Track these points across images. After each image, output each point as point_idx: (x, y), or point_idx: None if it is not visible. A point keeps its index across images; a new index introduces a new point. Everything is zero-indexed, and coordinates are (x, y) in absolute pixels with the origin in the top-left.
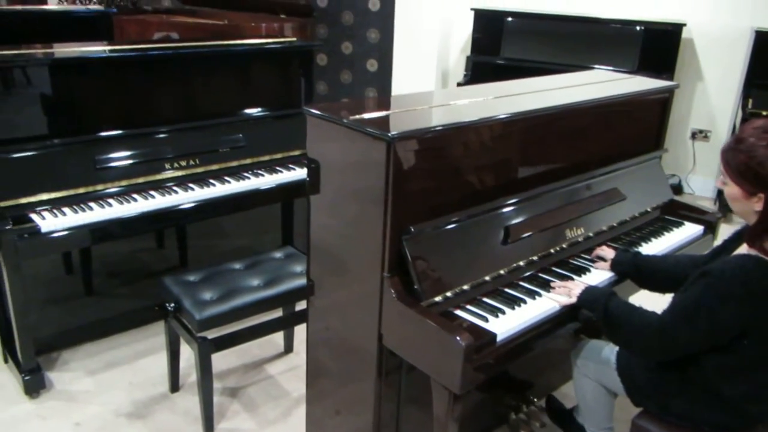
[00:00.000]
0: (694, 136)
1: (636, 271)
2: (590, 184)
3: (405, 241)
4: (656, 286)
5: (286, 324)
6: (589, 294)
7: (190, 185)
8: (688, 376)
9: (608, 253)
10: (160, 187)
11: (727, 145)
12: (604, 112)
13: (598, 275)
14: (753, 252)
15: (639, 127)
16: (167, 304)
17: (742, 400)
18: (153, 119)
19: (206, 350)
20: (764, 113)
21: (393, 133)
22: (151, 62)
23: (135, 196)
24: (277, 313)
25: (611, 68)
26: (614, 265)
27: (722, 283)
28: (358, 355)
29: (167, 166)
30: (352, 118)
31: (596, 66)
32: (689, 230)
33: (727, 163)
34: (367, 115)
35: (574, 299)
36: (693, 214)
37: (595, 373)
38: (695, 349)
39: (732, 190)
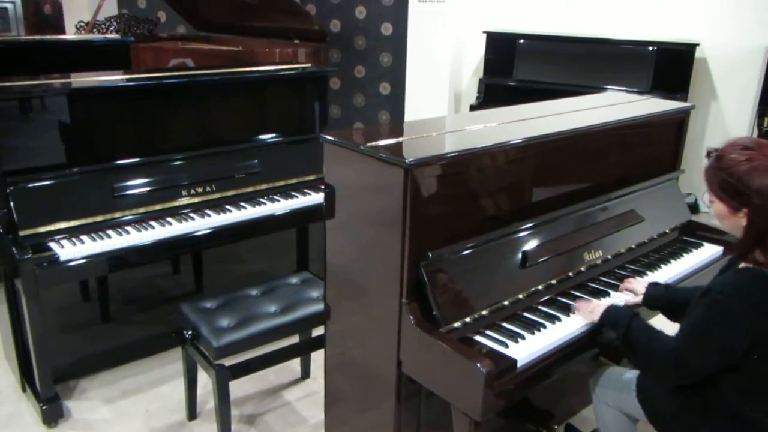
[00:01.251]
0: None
1: (669, 304)
2: (607, 206)
3: (423, 266)
4: None
5: (303, 350)
6: (612, 313)
7: (207, 211)
8: (709, 401)
9: (638, 287)
10: (177, 213)
11: (708, 164)
12: (619, 135)
13: (618, 298)
14: (749, 265)
15: (655, 148)
16: (184, 332)
17: (766, 421)
18: (169, 146)
19: (224, 378)
20: None
21: (410, 159)
22: (167, 90)
23: (152, 223)
24: (294, 339)
25: (624, 89)
26: (647, 300)
27: (723, 299)
28: (377, 381)
29: (184, 192)
30: (368, 145)
31: (609, 86)
32: (708, 251)
33: (710, 182)
34: (382, 142)
35: (597, 317)
36: (712, 234)
37: (615, 400)
38: (709, 371)
39: (718, 207)
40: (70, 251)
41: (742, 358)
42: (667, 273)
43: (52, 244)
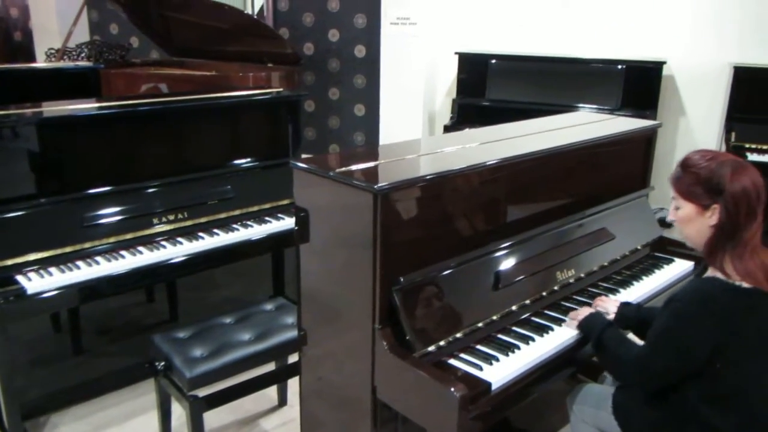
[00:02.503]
0: None
1: (640, 324)
2: (579, 225)
3: (395, 291)
4: None
5: (279, 378)
6: (590, 321)
7: (179, 239)
8: (682, 415)
9: (610, 306)
10: (149, 242)
11: (673, 173)
12: (589, 154)
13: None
14: (712, 274)
15: (625, 166)
16: (157, 363)
17: (733, 430)
18: (141, 174)
19: (198, 409)
20: (747, 146)
21: (379, 185)
22: (138, 118)
23: (123, 252)
24: (270, 367)
25: (595, 106)
26: (619, 319)
27: (684, 306)
28: (353, 407)
29: (155, 220)
30: (339, 170)
31: (580, 105)
32: (680, 266)
33: (678, 186)
34: (354, 167)
35: (575, 322)
36: (683, 250)
37: (592, 417)
38: (672, 376)
39: (685, 211)
40: (38, 284)
41: (706, 367)
42: (640, 289)
43: (20, 277)
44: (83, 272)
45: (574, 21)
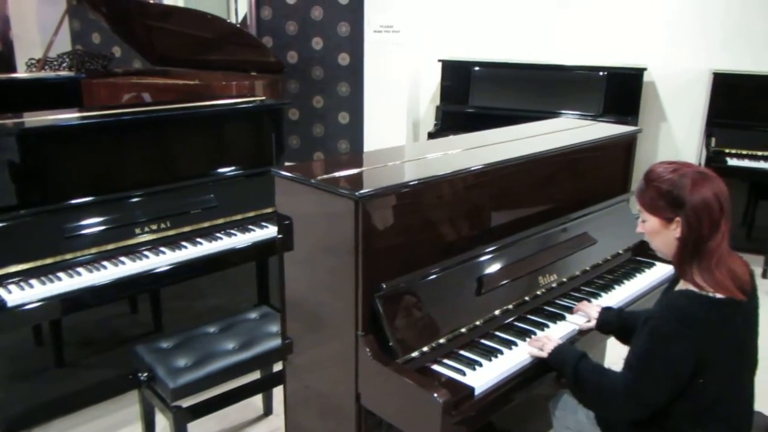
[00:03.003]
0: None
1: (621, 329)
2: (561, 230)
3: (378, 298)
4: None
5: (264, 386)
6: (560, 354)
7: (162, 249)
8: (664, 427)
9: (592, 311)
10: (131, 252)
11: (638, 185)
12: (570, 159)
13: (575, 320)
14: (684, 287)
15: (605, 171)
16: (140, 374)
17: None
18: (123, 184)
19: (182, 419)
20: (727, 150)
21: (361, 191)
22: (120, 127)
23: (105, 263)
24: (255, 376)
25: (578, 113)
26: (601, 325)
27: (661, 324)
28: (337, 415)
29: (138, 230)
30: (321, 177)
31: (563, 111)
32: (661, 270)
33: (642, 199)
34: (336, 174)
35: (545, 355)
36: None
37: (575, 424)
38: (662, 400)
39: (650, 224)
40: (19, 296)
41: (689, 383)
42: (622, 293)
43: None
44: (65, 284)
45: (557, 29)
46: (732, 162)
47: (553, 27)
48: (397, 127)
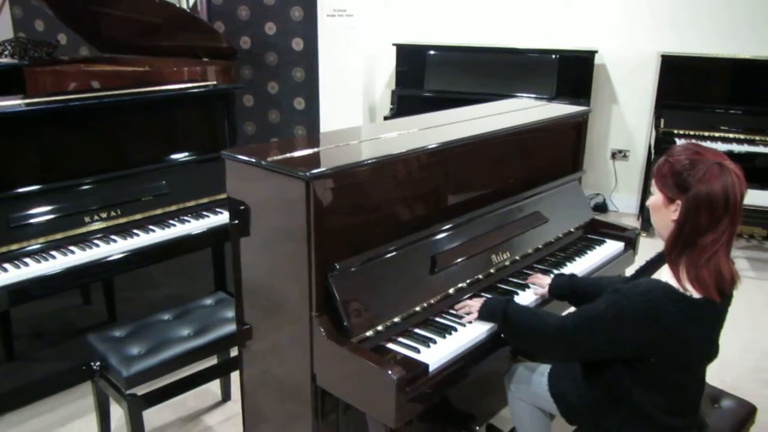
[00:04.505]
0: (614, 156)
1: (573, 293)
2: (513, 208)
3: (331, 278)
4: None
5: (220, 372)
6: (488, 306)
7: (113, 237)
8: (615, 396)
9: (543, 279)
10: (81, 241)
11: (660, 159)
12: (523, 138)
13: (527, 297)
14: (664, 278)
15: (557, 150)
16: (93, 363)
17: (668, 415)
18: (71, 172)
19: (136, 407)
20: (676, 131)
21: (311, 172)
22: (67, 114)
23: (54, 253)
24: (212, 362)
25: (532, 96)
26: (552, 290)
27: (627, 304)
28: (295, 398)
29: (87, 219)
30: (274, 158)
31: (517, 94)
32: (611, 248)
33: (656, 170)
34: (287, 155)
35: (475, 314)
36: (614, 231)
37: (529, 396)
38: (596, 357)
39: (655, 198)
40: None
41: (640, 359)
42: (573, 270)
43: None
44: (11, 274)
45: (510, 12)
46: (680, 143)
47: (507, 11)
48: (353, 111)
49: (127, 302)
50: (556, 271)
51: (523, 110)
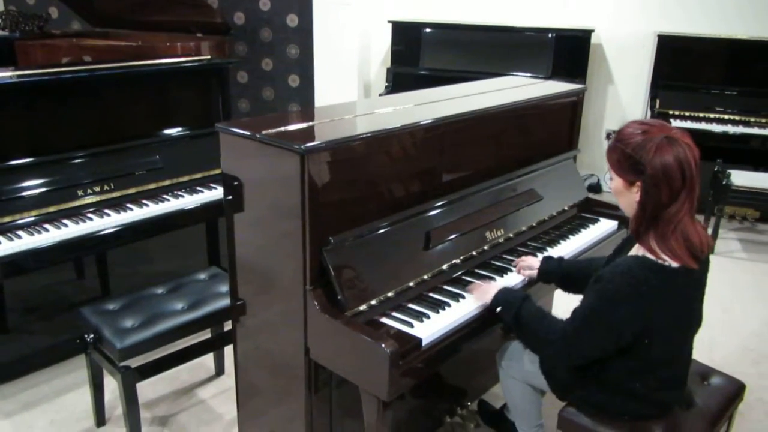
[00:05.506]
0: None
1: (563, 277)
2: (507, 186)
3: (325, 252)
4: (582, 290)
5: (214, 346)
6: (504, 296)
7: (106, 211)
8: (604, 372)
9: (533, 262)
10: (74, 215)
11: (609, 143)
12: (518, 116)
13: (516, 277)
14: (641, 253)
15: (552, 129)
16: (86, 336)
17: (656, 391)
18: (64, 145)
19: (130, 380)
20: (671, 112)
21: (306, 145)
22: (60, 86)
23: (47, 226)
24: (207, 335)
25: (527, 75)
26: (542, 274)
27: (611, 287)
28: (288, 372)
29: (80, 192)
30: (268, 131)
31: (512, 73)
32: (605, 226)
33: (610, 156)
34: (282, 128)
35: (489, 299)
36: (607, 210)
37: (520, 373)
38: (600, 354)
39: (615, 183)
40: None
41: (633, 342)
42: (567, 248)
43: None
44: (3, 247)
45: None
46: (675, 123)
47: None
48: (348, 89)
49: (121, 277)
50: (549, 249)
51: (518, 87)
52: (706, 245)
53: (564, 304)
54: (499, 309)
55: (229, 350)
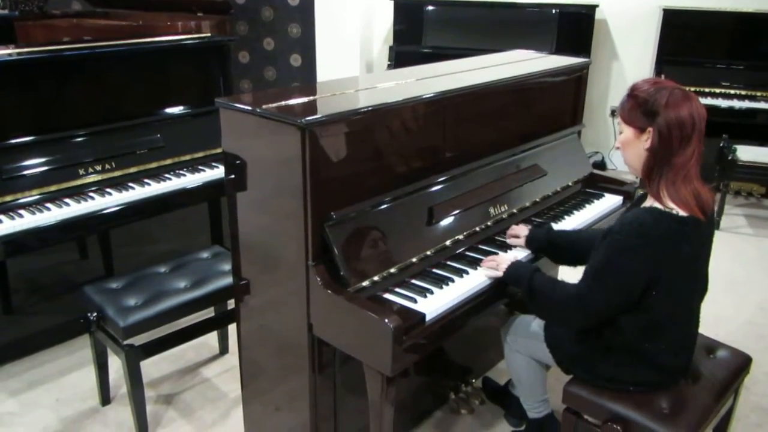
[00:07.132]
0: (613, 113)
1: (550, 246)
2: (511, 161)
3: (328, 228)
4: (570, 260)
5: (217, 324)
6: (515, 269)
7: (108, 190)
8: (609, 342)
9: (522, 230)
10: (76, 193)
11: (621, 99)
12: (522, 90)
13: (523, 251)
14: (648, 204)
15: (557, 104)
16: (90, 315)
17: (662, 355)
18: (66, 123)
19: (134, 358)
20: None
21: (307, 119)
22: (60, 64)
23: (49, 205)
24: (210, 314)
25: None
26: (529, 242)
27: (621, 237)
28: (292, 350)
29: (82, 171)
30: (269, 105)
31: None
32: (609, 201)
33: (621, 111)
34: (283, 102)
35: (501, 273)
36: (612, 185)
37: (525, 347)
38: (612, 311)
39: (624, 135)
40: None
41: (642, 296)
42: (571, 223)
43: None
44: (5, 225)
45: None
46: None
47: None
48: (350, 68)
49: (124, 257)
50: (554, 225)
51: (522, 61)
52: (711, 203)
53: (570, 280)
54: (512, 282)
55: (232, 329)
